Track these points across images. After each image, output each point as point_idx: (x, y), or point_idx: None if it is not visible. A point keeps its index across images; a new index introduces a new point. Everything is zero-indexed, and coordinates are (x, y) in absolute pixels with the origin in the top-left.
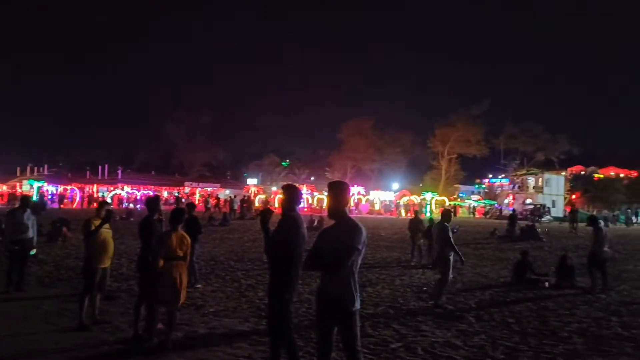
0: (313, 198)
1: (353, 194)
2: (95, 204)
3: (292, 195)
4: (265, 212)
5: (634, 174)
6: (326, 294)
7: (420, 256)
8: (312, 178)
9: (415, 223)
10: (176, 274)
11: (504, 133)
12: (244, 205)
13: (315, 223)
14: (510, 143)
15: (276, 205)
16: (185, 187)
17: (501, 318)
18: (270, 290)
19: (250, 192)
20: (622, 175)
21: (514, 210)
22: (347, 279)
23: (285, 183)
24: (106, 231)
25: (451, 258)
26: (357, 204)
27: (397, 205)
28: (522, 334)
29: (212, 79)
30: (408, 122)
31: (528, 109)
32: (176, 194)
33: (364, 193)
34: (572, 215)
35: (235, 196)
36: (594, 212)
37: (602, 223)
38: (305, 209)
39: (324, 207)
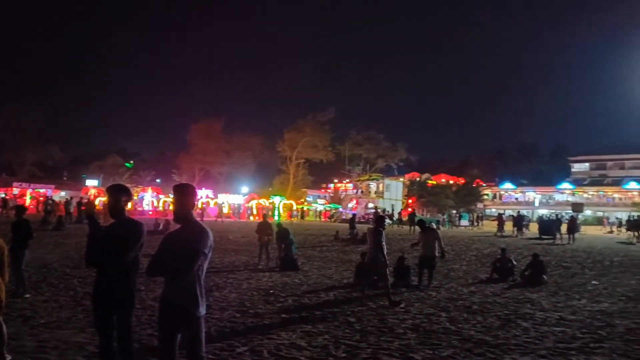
0: (159, 201)
1: (200, 197)
2: None
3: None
4: (91, 203)
5: (462, 180)
6: (170, 299)
7: (268, 259)
8: (159, 180)
9: (263, 226)
10: None
11: (349, 140)
12: (82, 208)
13: (161, 227)
14: (355, 150)
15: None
16: (14, 188)
17: (344, 318)
18: (104, 300)
19: (89, 194)
20: (451, 182)
21: (354, 215)
22: (193, 284)
23: (115, 184)
24: None
25: (384, 260)
26: (205, 207)
27: (246, 209)
28: (362, 332)
29: (51, 72)
30: (257, 126)
31: (373, 118)
32: (2, 196)
33: (212, 196)
34: (411, 219)
35: (71, 198)
36: (428, 216)
37: (434, 225)
38: (150, 212)
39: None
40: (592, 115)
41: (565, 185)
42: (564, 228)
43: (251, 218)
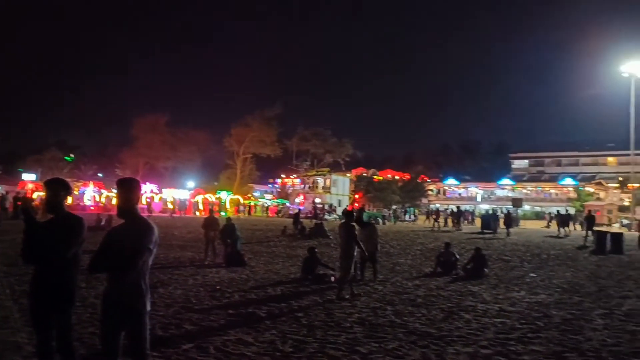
0: (101, 196)
1: (145, 192)
2: None
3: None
4: (27, 198)
5: (407, 176)
6: (114, 297)
7: (215, 255)
8: (101, 174)
9: (209, 221)
10: None
11: (297, 135)
12: (18, 203)
13: (103, 222)
14: (302, 145)
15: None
16: None
17: (290, 313)
18: (42, 298)
19: (26, 188)
20: (397, 177)
21: (299, 210)
22: (137, 281)
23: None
24: None
25: (355, 254)
26: (149, 203)
27: (192, 204)
28: (309, 326)
29: None
30: (204, 121)
31: (320, 114)
32: None
33: (157, 191)
34: (359, 214)
35: (7, 193)
36: (374, 211)
37: (380, 220)
38: (92, 208)
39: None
40: (532, 114)
41: (506, 181)
42: (501, 222)
43: (197, 213)
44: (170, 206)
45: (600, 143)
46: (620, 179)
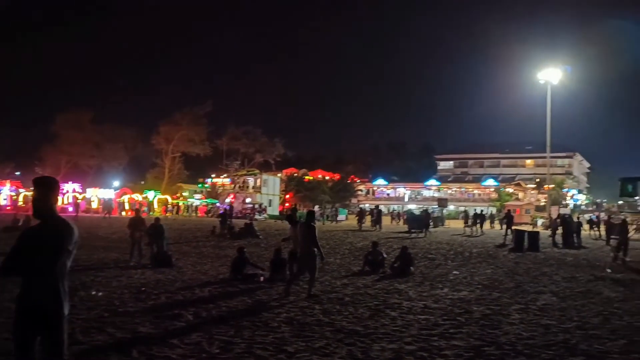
0: (19, 195)
1: (67, 191)
2: None
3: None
4: None
5: (337, 176)
6: (29, 300)
7: (140, 256)
8: (18, 173)
9: (136, 222)
10: None
11: (227, 134)
12: None
13: (21, 223)
14: (233, 144)
15: None
16: None
17: (218, 313)
18: None
19: None
20: (327, 177)
21: (225, 210)
22: (55, 283)
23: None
24: None
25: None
26: (72, 202)
27: (118, 204)
28: (237, 327)
29: None
30: (131, 118)
31: (251, 113)
32: None
33: (81, 190)
34: (292, 213)
35: None
36: (303, 210)
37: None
38: (9, 207)
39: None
40: (457, 117)
41: (432, 181)
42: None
43: (123, 213)
44: (94, 206)
45: (519, 145)
46: (537, 180)
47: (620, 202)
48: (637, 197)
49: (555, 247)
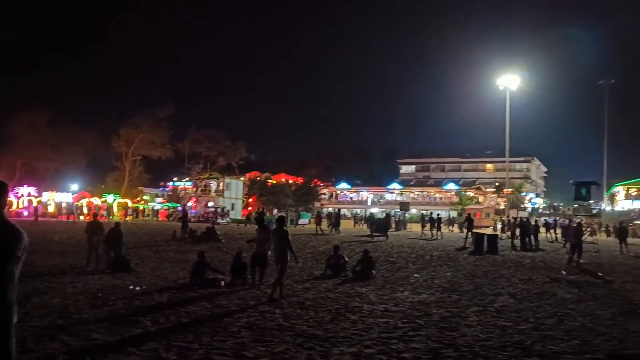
0: None
1: (22, 195)
2: None
3: None
4: None
5: (300, 180)
6: None
7: (97, 261)
8: None
9: (93, 226)
10: None
11: (189, 137)
12: None
13: None
14: (195, 148)
15: None
16: None
17: (177, 319)
18: None
19: None
20: (290, 181)
21: (185, 212)
22: (2, 290)
23: None
24: None
25: (288, 258)
26: (28, 206)
27: (75, 208)
28: (195, 333)
29: None
30: (90, 121)
31: (213, 116)
32: None
33: (36, 194)
34: (260, 216)
35: None
36: (267, 214)
37: (273, 224)
38: None
39: None
40: (420, 121)
41: (395, 185)
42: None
43: (82, 217)
44: (51, 210)
45: (479, 150)
46: (497, 184)
47: (576, 205)
48: (592, 201)
49: (514, 250)
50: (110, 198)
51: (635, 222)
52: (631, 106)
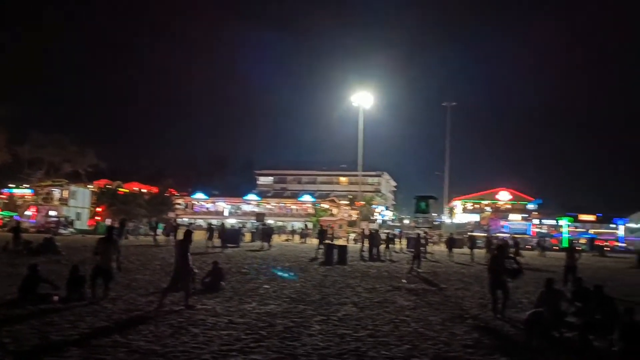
0: None
1: None
2: None
3: None
4: None
5: (155, 189)
6: None
7: None
8: None
9: None
10: None
11: (29, 141)
12: None
13: None
14: (36, 152)
15: None
16: None
17: None
18: None
19: None
20: (144, 190)
21: (18, 222)
22: None
23: None
24: None
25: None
26: None
27: None
28: (16, 353)
29: None
30: None
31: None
32: None
33: None
34: (122, 228)
35: None
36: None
37: (116, 235)
38: None
39: None
40: (278, 135)
41: (252, 196)
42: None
43: None
44: None
45: (335, 164)
46: (350, 197)
47: (418, 217)
48: (434, 214)
49: (362, 260)
50: None
51: (470, 233)
52: (471, 128)
